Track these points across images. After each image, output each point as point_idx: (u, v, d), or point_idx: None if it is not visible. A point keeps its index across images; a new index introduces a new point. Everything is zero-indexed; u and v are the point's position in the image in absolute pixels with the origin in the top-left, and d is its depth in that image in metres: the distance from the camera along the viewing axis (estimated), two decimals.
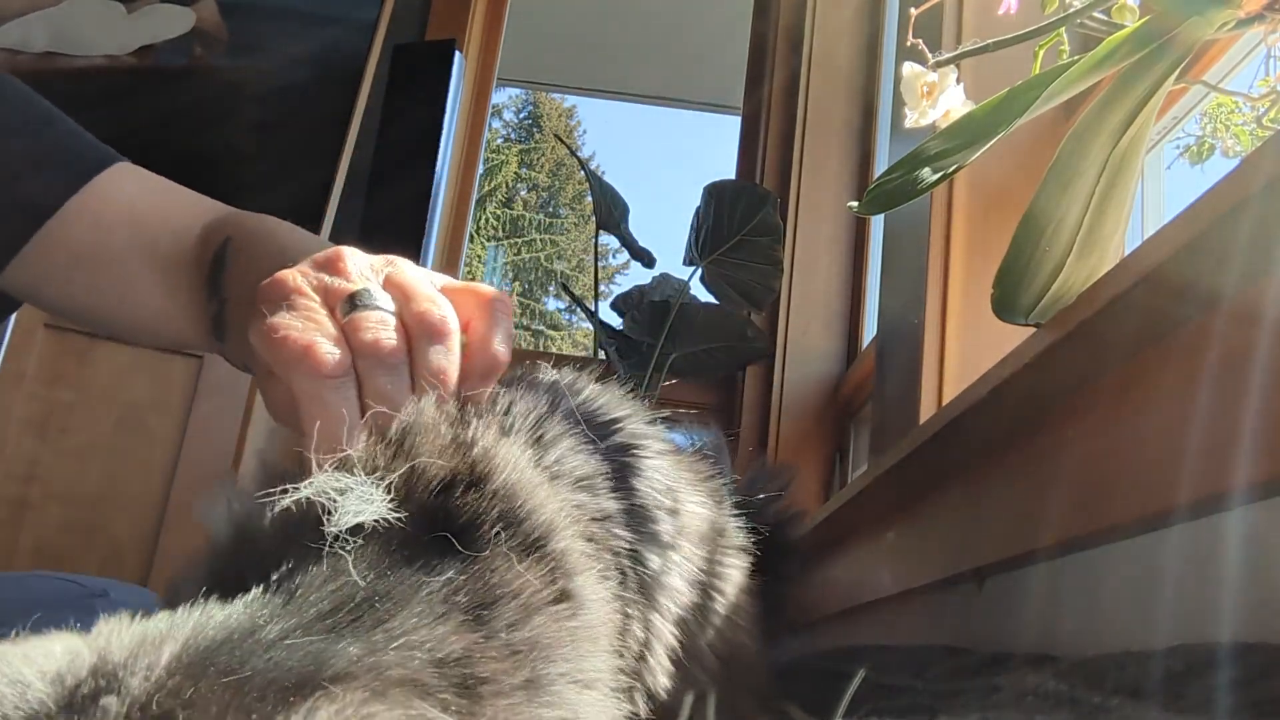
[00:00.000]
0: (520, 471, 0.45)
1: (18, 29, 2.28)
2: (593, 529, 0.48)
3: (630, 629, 0.50)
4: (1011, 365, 0.59)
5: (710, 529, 0.59)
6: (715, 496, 0.62)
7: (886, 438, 1.07)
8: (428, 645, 0.36)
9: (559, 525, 0.44)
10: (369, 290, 0.51)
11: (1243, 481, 0.41)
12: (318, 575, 0.38)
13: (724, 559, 0.60)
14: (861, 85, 2.05)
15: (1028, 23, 0.58)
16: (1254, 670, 0.36)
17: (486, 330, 0.51)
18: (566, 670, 0.40)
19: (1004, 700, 0.46)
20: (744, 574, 0.62)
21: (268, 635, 0.34)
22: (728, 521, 0.62)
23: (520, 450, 0.47)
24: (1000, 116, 0.55)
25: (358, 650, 0.34)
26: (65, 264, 0.73)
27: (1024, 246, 0.55)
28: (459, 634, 0.37)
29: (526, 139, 14.12)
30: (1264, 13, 0.49)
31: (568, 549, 0.44)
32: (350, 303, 0.50)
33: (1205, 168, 0.82)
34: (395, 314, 0.50)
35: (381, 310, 0.50)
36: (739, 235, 1.91)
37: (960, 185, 0.96)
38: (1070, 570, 0.58)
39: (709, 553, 0.58)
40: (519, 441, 0.48)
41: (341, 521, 0.39)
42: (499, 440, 0.46)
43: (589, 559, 0.46)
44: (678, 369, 1.97)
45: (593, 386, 0.56)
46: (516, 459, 0.46)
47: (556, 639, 0.40)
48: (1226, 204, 0.41)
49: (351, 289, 0.51)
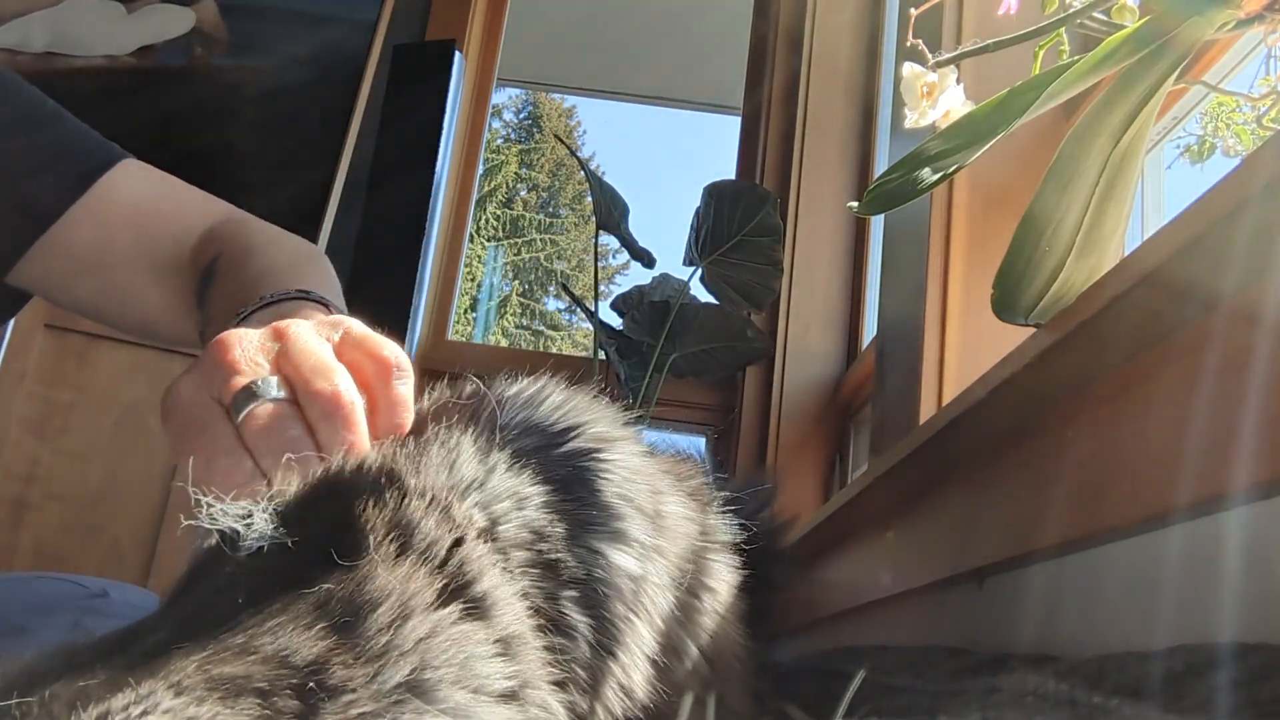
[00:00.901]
0: (411, 481, 0.45)
1: (17, 29, 2.28)
2: (516, 535, 0.48)
3: (576, 629, 0.49)
4: (1011, 365, 0.59)
5: (693, 528, 0.58)
6: (698, 496, 0.62)
7: (886, 438, 1.07)
8: (278, 651, 0.37)
9: (451, 534, 0.44)
10: (258, 383, 0.49)
11: (1243, 481, 0.41)
12: (200, 592, 0.41)
13: (710, 557, 0.60)
14: (861, 85, 2.05)
15: (1028, 23, 0.58)
16: (1254, 670, 0.36)
17: (387, 397, 0.50)
18: (458, 677, 0.40)
19: (1004, 700, 0.46)
20: (732, 572, 0.61)
21: (132, 644, 0.38)
22: (712, 521, 0.62)
23: (411, 462, 0.47)
24: (1000, 117, 0.55)
25: (200, 656, 0.37)
26: (71, 266, 0.73)
27: (1024, 246, 0.55)
28: (316, 640, 0.38)
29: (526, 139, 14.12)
30: (1264, 13, 0.49)
31: (466, 555, 0.44)
32: (244, 396, 0.49)
33: (1206, 167, 0.82)
34: (288, 400, 0.49)
35: (271, 402, 0.49)
36: (739, 235, 1.91)
37: (960, 185, 0.96)
38: (1070, 570, 0.58)
39: (693, 551, 0.58)
40: (423, 458, 0.48)
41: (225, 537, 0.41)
42: (395, 456, 0.46)
43: (495, 566, 0.45)
44: (678, 369, 1.97)
45: (552, 394, 0.55)
46: (409, 470, 0.46)
47: (439, 645, 0.40)
48: (1226, 204, 0.41)
49: (240, 384, 0.49)
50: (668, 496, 0.57)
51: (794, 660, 0.85)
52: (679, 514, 0.57)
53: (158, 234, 0.73)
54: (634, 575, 0.52)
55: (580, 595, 0.49)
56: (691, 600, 0.57)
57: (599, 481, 0.52)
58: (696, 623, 0.57)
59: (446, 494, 0.46)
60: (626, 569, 0.51)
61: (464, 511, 0.46)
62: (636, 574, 0.52)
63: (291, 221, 0.73)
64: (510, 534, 0.47)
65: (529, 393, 0.54)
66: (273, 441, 0.48)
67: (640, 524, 0.53)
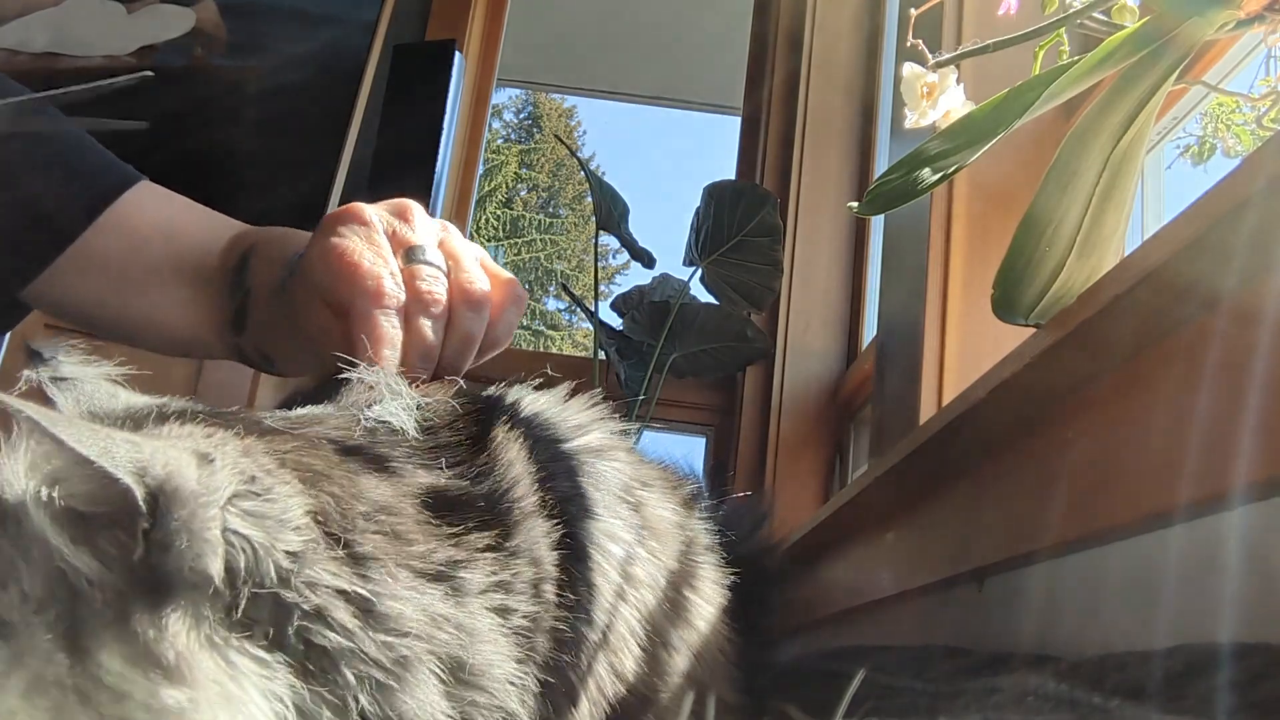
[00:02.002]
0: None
1: (18, 29, 2.28)
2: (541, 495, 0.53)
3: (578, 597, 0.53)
4: (1011, 366, 0.59)
5: (679, 529, 0.60)
6: (686, 502, 0.64)
7: (886, 438, 1.07)
8: (361, 487, 0.45)
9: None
10: (426, 248, 0.58)
11: (1243, 481, 0.41)
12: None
13: (696, 558, 0.61)
14: (861, 85, 2.05)
15: (1028, 23, 0.58)
16: (1254, 671, 0.36)
17: (505, 316, 0.60)
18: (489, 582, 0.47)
19: (1004, 701, 0.46)
20: (719, 575, 0.63)
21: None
22: (698, 524, 0.64)
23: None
24: (1000, 117, 0.55)
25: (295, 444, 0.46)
26: (96, 282, 0.74)
27: (1024, 246, 0.55)
28: (380, 484, 0.46)
29: (526, 139, 14.12)
30: (1264, 13, 0.49)
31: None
32: (409, 254, 0.58)
33: (1208, 167, 0.82)
34: (445, 275, 0.58)
35: (435, 268, 0.58)
36: (739, 236, 1.91)
37: (960, 185, 0.96)
38: (1070, 570, 0.58)
39: (679, 550, 0.60)
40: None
41: (383, 412, 0.49)
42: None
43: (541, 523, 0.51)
44: (678, 369, 1.97)
45: (554, 404, 0.59)
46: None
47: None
48: (1227, 204, 0.41)
49: (414, 242, 0.58)
50: (654, 497, 0.59)
51: (794, 660, 0.85)
52: (665, 514, 0.59)
53: (182, 245, 0.75)
54: (622, 563, 0.54)
55: (579, 571, 0.52)
56: (679, 598, 0.59)
57: (582, 479, 0.56)
58: (684, 619, 0.59)
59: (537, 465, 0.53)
60: (617, 557, 0.54)
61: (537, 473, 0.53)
62: (623, 561, 0.55)
63: (292, 221, 0.74)
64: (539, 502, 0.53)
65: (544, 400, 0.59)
66: (426, 298, 0.56)
67: (625, 518, 0.56)
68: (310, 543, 0.42)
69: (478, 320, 0.58)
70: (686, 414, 2.20)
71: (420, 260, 0.58)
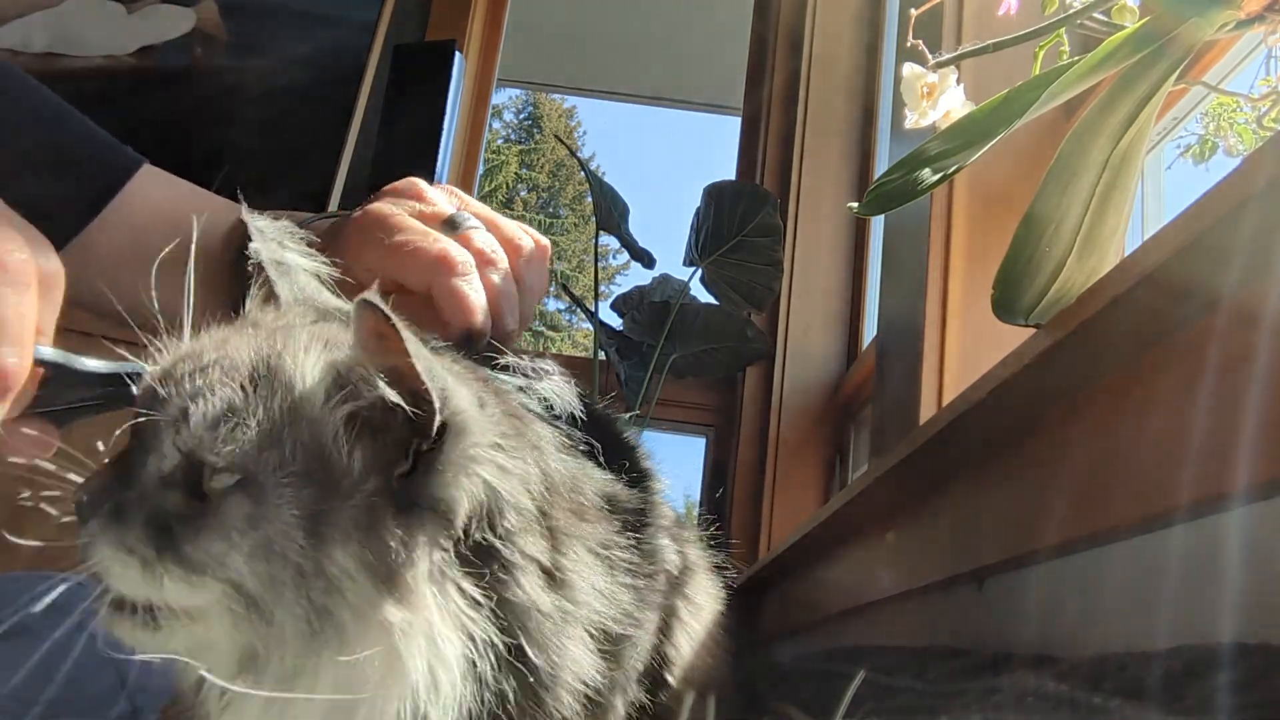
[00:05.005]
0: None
1: (18, 29, 2.27)
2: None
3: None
4: (1011, 366, 0.59)
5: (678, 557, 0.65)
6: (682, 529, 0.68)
7: (886, 438, 1.07)
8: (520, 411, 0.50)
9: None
10: (458, 215, 0.60)
11: (1243, 481, 0.41)
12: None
13: (696, 577, 0.67)
14: (861, 86, 2.05)
15: (1028, 23, 0.58)
16: (1254, 671, 0.36)
17: (545, 266, 0.63)
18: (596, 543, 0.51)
19: (1004, 701, 0.46)
20: (715, 591, 0.68)
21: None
22: (695, 549, 0.69)
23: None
24: (1000, 117, 0.55)
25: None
26: (97, 270, 0.74)
27: (1024, 247, 0.55)
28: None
29: (526, 140, 14.11)
30: (1264, 13, 0.49)
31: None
32: (449, 224, 0.59)
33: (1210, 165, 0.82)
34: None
35: (480, 229, 0.60)
36: (739, 236, 1.91)
37: (960, 186, 0.96)
38: (1070, 570, 0.58)
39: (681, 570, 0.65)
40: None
41: (545, 389, 0.52)
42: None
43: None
44: (678, 369, 1.97)
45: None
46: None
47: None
48: (1227, 204, 0.41)
49: (446, 212, 0.60)
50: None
51: (794, 660, 0.85)
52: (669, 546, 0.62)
53: (187, 232, 0.75)
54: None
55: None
56: (680, 605, 0.62)
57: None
58: (685, 625, 0.62)
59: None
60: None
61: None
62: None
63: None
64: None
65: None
66: (489, 255, 0.58)
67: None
68: (532, 508, 0.46)
69: (536, 270, 0.61)
70: (686, 414, 2.19)
71: (466, 226, 0.60)
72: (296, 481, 0.43)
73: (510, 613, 0.45)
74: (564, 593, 0.46)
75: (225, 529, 0.43)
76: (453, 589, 0.43)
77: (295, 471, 0.43)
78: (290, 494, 0.43)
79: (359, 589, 0.42)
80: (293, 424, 0.43)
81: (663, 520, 0.57)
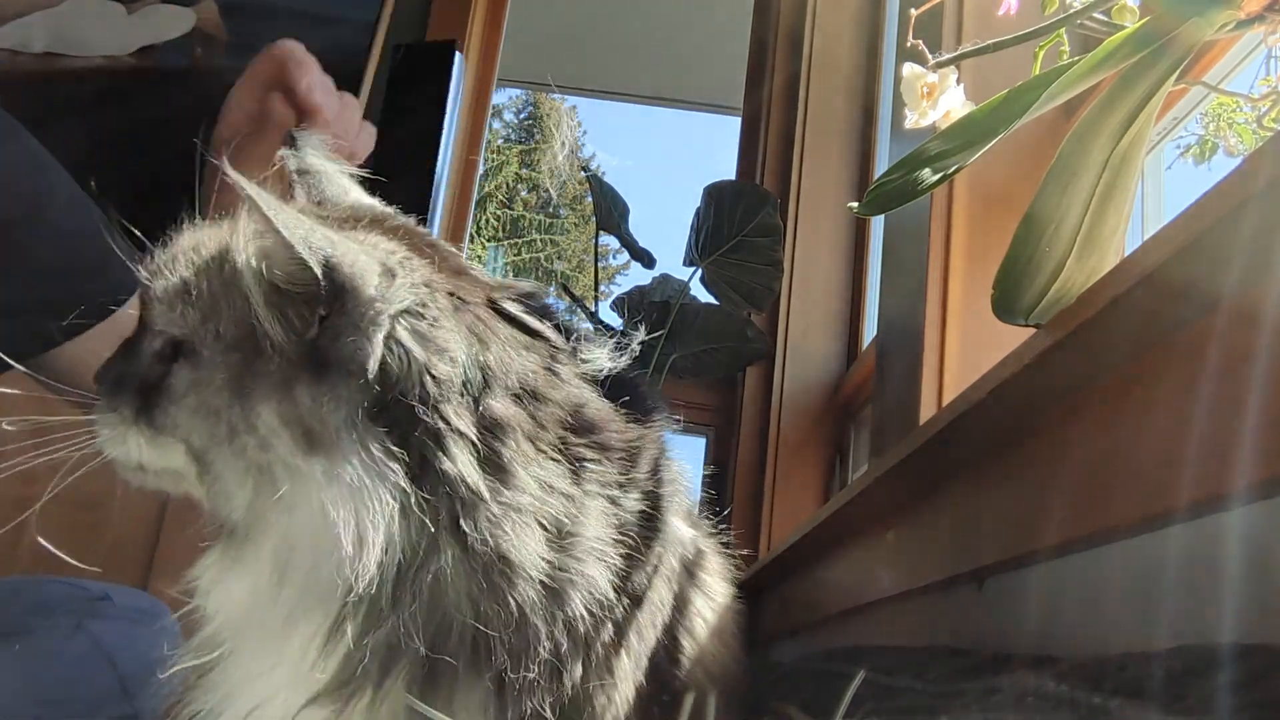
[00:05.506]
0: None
1: (18, 29, 2.27)
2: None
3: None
4: (1011, 366, 0.59)
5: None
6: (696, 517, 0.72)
7: (886, 438, 1.07)
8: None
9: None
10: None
11: (1243, 481, 0.41)
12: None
13: (707, 567, 0.69)
14: (861, 85, 2.05)
15: (1028, 23, 0.57)
16: (1254, 671, 0.36)
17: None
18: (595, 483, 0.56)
19: (1004, 701, 0.46)
20: (726, 587, 0.69)
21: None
22: (708, 544, 0.72)
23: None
24: (1000, 117, 0.55)
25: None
26: (82, 369, 0.75)
27: (1024, 247, 0.55)
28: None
29: (527, 139, 14.11)
30: (1264, 13, 0.49)
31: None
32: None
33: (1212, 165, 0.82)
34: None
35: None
36: (739, 236, 1.90)
37: (960, 186, 0.96)
38: (1070, 570, 0.58)
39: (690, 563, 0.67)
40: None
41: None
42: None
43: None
44: (678, 369, 1.97)
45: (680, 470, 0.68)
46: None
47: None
48: (1227, 205, 0.41)
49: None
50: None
51: (794, 660, 0.85)
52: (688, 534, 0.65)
53: None
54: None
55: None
56: (692, 591, 0.64)
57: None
58: (697, 612, 0.64)
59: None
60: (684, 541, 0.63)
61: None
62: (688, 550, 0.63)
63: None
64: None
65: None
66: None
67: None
68: (453, 379, 0.49)
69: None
70: (686, 414, 2.19)
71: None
72: (228, 349, 0.49)
73: (441, 482, 0.48)
74: (502, 479, 0.49)
75: (175, 393, 0.50)
76: (374, 443, 0.47)
77: (228, 341, 0.49)
78: (222, 360, 0.49)
79: (283, 443, 0.47)
80: (228, 300, 0.50)
81: (654, 451, 0.59)
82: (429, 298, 0.50)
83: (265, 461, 0.48)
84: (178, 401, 0.50)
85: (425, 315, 0.50)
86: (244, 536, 0.50)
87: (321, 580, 0.47)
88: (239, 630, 0.51)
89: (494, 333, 0.53)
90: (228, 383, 0.49)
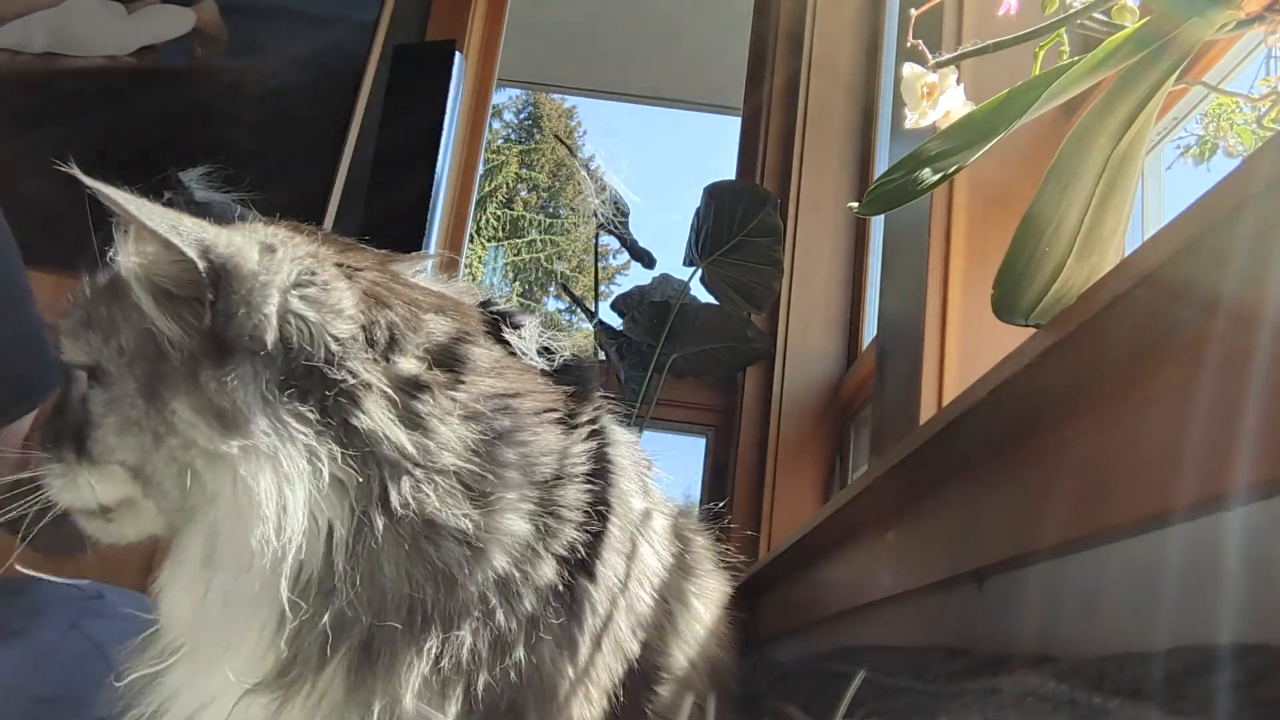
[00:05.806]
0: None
1: (18, 29, 2.27)
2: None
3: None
4: (1011, 366, 0.59)
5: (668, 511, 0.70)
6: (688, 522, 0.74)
7: (886, 438, 1.07)
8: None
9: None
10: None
11: (1243, 481, 0.41)
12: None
13: (702, 567, 0.71)
14: (861, 86, 2.05)
15: (1028, 23, 0.57)
16: (1254, 672, 0.36)
17: None
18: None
19: (1004, 701, 0.46)
20: (720, 585, 0.71)
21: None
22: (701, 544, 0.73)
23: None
24: (1000, 117, 0.55)
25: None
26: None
27: (1024, 247, 0.55)
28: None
29: (527, 139, 14.10)
30: (1264, 13, 0.49)
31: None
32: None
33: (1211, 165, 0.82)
34: None
35: None
36: (739, 236, 1.90)
37: (960, 186, 0.96)
38: (1070, 570, 0.58)
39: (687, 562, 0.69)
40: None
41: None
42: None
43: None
44: (678, 369, 1.97)
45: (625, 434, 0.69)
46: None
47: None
48: (1227, 205, 0.41)
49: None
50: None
51: (794, 660, 0.84)
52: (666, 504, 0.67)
53: None
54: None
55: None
56: (685, 585, 0.65)
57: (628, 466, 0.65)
58: (689, 610, 0.65)
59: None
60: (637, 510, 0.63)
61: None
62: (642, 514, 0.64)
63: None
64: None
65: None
66: None
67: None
68: (355, 336, 0.50)
69: None
70: (686, 414, 2.19)
71: None
72: (133, 360, 0.50)
73: (362, 440, 0.49)
74: (423, 435, 0.50)
75: (97, 417, 0.51)
76: (285, 412, 0.48)
77: (131, 353, 0.50)
78: (129, 372, 0.50)
79: (201, 432, 0.48)
80: (124, 315, 0.51)
81: (589, 425, 0.60)
82: (316, 266, 0.52)
83: (189, 459, 0.49)
84: (102, 424, 0.51)
85: (314, 282, 0.51)
86: (178, 536, 0.52)
87: (249, 555, 0.47)
88: (188, 631, 0.52)
89: (395, 295, 0.54)
90: (139, 391, 0.50)
